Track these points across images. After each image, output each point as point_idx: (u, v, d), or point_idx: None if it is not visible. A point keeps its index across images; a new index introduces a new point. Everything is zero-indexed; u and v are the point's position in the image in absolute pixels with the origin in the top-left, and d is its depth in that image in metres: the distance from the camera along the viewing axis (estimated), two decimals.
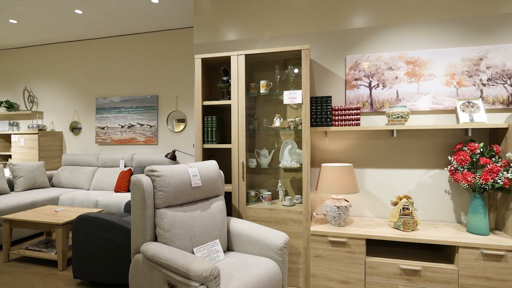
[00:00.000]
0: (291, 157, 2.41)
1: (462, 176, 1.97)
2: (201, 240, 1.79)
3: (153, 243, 1.64)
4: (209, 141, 2.39)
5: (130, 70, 4.49)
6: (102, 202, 3.50)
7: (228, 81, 2.44)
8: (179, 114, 4.24)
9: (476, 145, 1.99)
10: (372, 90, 2.35)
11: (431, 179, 2.26)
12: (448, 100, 2.22)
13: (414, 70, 2.28)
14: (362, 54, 2.38)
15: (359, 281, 1.99)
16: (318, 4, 2.48)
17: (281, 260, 1.76)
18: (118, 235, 2.16)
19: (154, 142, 4.33)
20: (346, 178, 2.09)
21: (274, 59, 2.49)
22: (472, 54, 2.17)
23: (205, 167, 1.98)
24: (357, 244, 1.99)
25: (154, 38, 4.38)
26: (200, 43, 2.76)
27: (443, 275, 1.84)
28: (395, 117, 2.13)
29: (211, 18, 2.73)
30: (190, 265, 1.36)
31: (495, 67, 2.14)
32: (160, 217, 1.69)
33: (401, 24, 2.31)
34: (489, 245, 1.78)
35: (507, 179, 1.86)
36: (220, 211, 1.98)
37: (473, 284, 1.81)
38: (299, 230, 2.15)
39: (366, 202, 2.39)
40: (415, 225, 2.03)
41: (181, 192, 1.78)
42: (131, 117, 4.43)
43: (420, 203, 2.28)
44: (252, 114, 2.58)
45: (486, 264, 1.79)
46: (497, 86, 2.14)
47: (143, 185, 1.67)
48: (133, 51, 4.48)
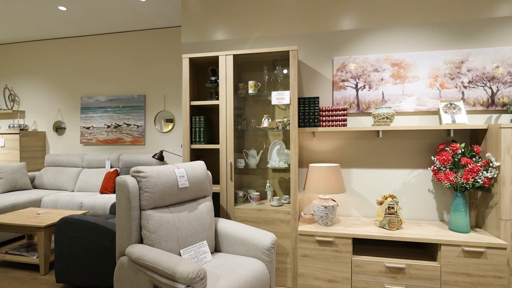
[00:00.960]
0: (279, 157, 2.42)
1: (444, 176, 2.03)
2: (188, 242, 1.77)
3: (138, 245, 1.61)
4: (197, 141, 2.37)
5: (117, 69, 4.40)
6: (87, 204, 3.42)
7: (216, 81, 2.43)
8: (167, 114, 4.19)
9: (458, 146, 2.05)
10: (359, 91, 2.39)
11: (415, 179, 2.31)
12: (431, 102, 2.28)
13: (399, 72, 2.33)
14: (349, 55, 2.41)
15: (345, 280, 2.01)
16: (306, 5, 2.50)
17: (269, 260, 1.77)
18: (103, 237, 2.11)
19: (141, 142, 4.26)
20: (333, 178, 2.12)
21: (263, 59, 2.49)
22: (454, 57, 2.24)
23: (193, 168, 1.96)
24: (344, 243, 2.01)
25: (142, 36, 4.31)
26: (188, 42, 2.73)
27: (426, 272, 1.89)
28: (380, 118, 2.17)
29: (199, 18, 2.71)
30: (176, 267, 1.34)
31: (475, 70, 2.21)
32: (146, 218, 1.66)
33: (386, 27, 2.36)
34: (470, 242, 1.84)
35: (487, 178, 1.92)
36: (208, 212, 1.96)
37: (454, 280, 1.86)
38: (287, 230, 2.16)
39: (352, 202, 2.42)
40: (400, 224, 2.07)
41: (167, 193, 1.76)
42: (117, 117, 4.34)
43: (404, 202, 2.33)
44: (241, 114, 2.58)
45: (467, 260, 1.85)
46: (477, 89, 2.21)
47: (128, 186, 1.64)
48: (120, 50, 4.39)
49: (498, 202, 1.90)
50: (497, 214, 1.91)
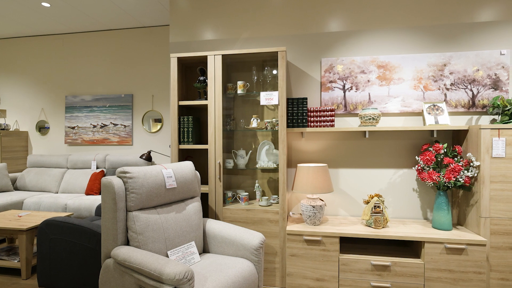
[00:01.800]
0: (268, 157, 2.43)
1: (428, 175, 2.08)
2: (175, 243, 1.75)
3: (124, 247, 1.58)
4: (185, 141, 2.35)
5: (103, 68, 4.31)
6: (71, 206, 3.33)
7: (205, 81, 2.41)
8: (155, 114, 4.13)
9: (441, 146, 2.12)
10: (346, 92, 2.43)
11: (400, 178, 2.37)
12: (415, 103, 2.34)
13: (385, 74, 2.38)
14: (336, 57, 2.45)
15: (333, 278, 2.04)
16: (295, 7, 2.52)
17: (257, 260, 1.77)
18: (88, 239, 2.07)
19: (128, 142, 4.19)
20: (321, 178, 2.14)
21: (252, 60, 2.49)
22: (437, 60, 2.31)
23: (181, 168, 1.94)
24: (331, 242, 2.04)
25: (129, 35, 4.24)
26: (177, 42, 2.71)
27: (411, 269, 1.94)
28: (367, 119, 2.22)
29: (188, 17, 2.69)
30: (163, 268, 1.32)
31: (457, 72, 2.29)
32: (132, 220, 1.64)
33: (372, 29, 2.41)
34: (452, 239, 1.90)
35: (468, 177, 1.99)
36: (196, 213, 1.95)
37: (437, 276, 1.92)
38: (275, 230, 2.17)
39: (340, 201, 2.46)
40: (385, 222, 2.11)
41: (154, 194, 1.74)
42: (104, 116, 4.25)
43: (390, 201, 2.39)
44: (229, 114, 2.57)
45: (449, 257, 1.91)
46: (459, 91, 2.29)
47: (114, 187, 1.61)
48: (106, 48, 4.31)
49: (478, 201, 1.97)
50: (477, 212, 1.98)
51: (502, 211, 1.92)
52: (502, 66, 2.23)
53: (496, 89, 2.24)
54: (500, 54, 2.23)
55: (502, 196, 1.92)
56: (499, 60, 2.23)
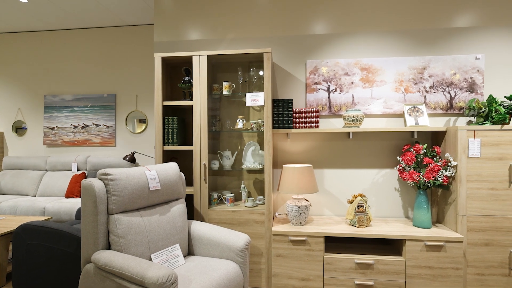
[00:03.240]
0: (254, 158, 2.43)
1: (408, 175, 2.15)
2: (159, 246, 1.72)
3: (106, 251, 1.53)
4: (169, 142, 2.32)
5: (85, 67, 4.18)
6: (50, 210, 3.20)
7: (190, 81, 2.39)
8: (140, 114, 4.05)
9: (420, 146, 2.19)
10: (331, 94, 2.46)
11: (382, 178, 2.43)
12: (397, 105, 2.41)
13: (368, 76, 2.43)
14: (321, 59, 2.48)
15: (318, 278, 2.06)
16: (280, 9, 2.54)
17: (242, 261, 1.76)
18: (67, 244, 1.99)
19: (111, 143, 4.08)
20: (306, 178, 2.16)
21: (237, 60, 2.49)
22: (417, 63, 2.39)
23: (165, 170, 1.91)
24: (316, 242, 2.06)
25: (112, 33, 4.13)
26: (161, 41, 2.67)
27: (393, 267, 1.99)
28: (351, 120, 2.26)
29: (173, 16, 2.65)
30: (146, 272, 1.30)
31: (436, 76, 2.37)
32: (114, 223, 1.59)
33: (356, 32, 2.46)
34: (431, 237, 1.96)
35: (446, 177, 2.06)
36: (181, 215, 1.92)
37: (418, 273, 1.98)
38: (261, 231, 2.17)
39: (325, 201, 2.49)
40: (368, 222, 2.16)
41: (137, 196, 1.70)
42: (85, 116, 4.12)
43: (373, 200, 2.44)
44: (215, 115, 2.56)
45: (428, 254, 1.97)
46: (437, 93, 2.37)
47: (94, 189, 1.56)
48: (88, 46, 4.18)
49: (456, 199, 2.04)
50: (455, 210, 2.05)
51: (478, 208, 2.01)
52: (477, 70, 2.33)
53: (472, 92, 2.34)
54: (475, 58, 2.33)
55: (477, 194, 2.01)
56: (475, 64, 2.33)
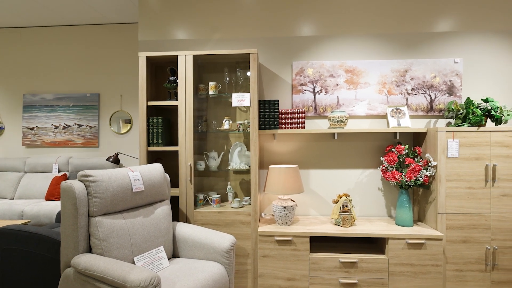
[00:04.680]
0: (240, 159, 2.43)
1: (391, 175, 2.20)
2: (143, 248, 1.69)
3: (86, 254, 1.49)
4: (154, 143, 2.28)
5: (66, 65, 4.06)
6: (29, 213, 3.09)
7: (175, 81, 2.36)
8: (124, 114, 3.97)
9: (402, 147, 2.25)
10: (316, 95, 2.49)
11: (366, 178, 2.48)
12: (380, 107, 2.46)
13: (352, 78, 2.48)
14: (307, 61, 2.51)
15: (303, 277, 2.08)
16: (267, 10, 2.55)
17: (228, 262, 1.76)
18: (47, 249, 1.92)
19: (94, 144, 3.97)
20: (291, 179, 2.18)
21: (224, 61, 2.48)
22: (399, 66, 2.45)
23: (149, 171, 1.88)
24: (302, 242, 2.08)
25: (95, 31, 4.03)
26: (146, 40, 2.62)
27: (376, 265, 2.03)
28: (335, 121, 2.29)
29: (158, 15, 2.62)
30: (127, 275, 1.27)
31: (417, 78, 2.44)
32: (95, 226, 1.55)
33: (341, 35, 2.50)
34: (412, 235, 2.02)
35: (426, 176, 2.13)
36: (165, 216, 1.89)
37: (400, 271, 2.03)
38: (247, 232, 2.17)
39: (311, 201, 2.52)
40: (353, 221, 2.20)
41: (120, 198, 1.66)
42: (67, 116, 4.00)
43: (357, 200, 2.49)
44: (201, 115, 2.54)
45: (410, 252, 2.03)
46: (419, 95, 2.44)
47: (75, 192, 1.52)
48: (71, 44, 4.06)
49: (436, 198, 2.11)
50: (435, 208, 2.12)
51: (456, 207, 2.08)
52: (456, 73, 2.42)
53: (451, 94, 2.42)
54: (454, 62, 2.42)
55: (456, 193, 2.08)
56: (453, 68, 2.42)
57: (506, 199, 2.06)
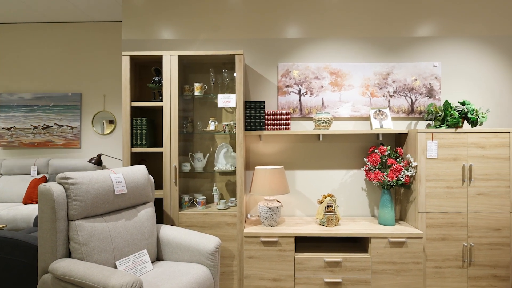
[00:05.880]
0: (226, 160, 2.42)
1: (374, 175, 2.25)
2: (125, 252, 1.65)
3: (65, 259, 1.45)
4: (138, 144, 2.24)
5: (46, 64, 3.92)
6: (5, 217, 2.96)
7: (160, 82, 2.33)
8: (108, 114, 3.87)
9: (385, 148, 2.30)
10: (301, 97, 2.52)
11: (351, 179, 2.53)
12: (364, 109, 2.52)
13: (336, 81, 2.52)
14: (292, 62, 2.53)
15: (289, 278, 2.09)
16: (253, 12, 2.55)
17: (213, 264, 1.75)
18: (23, 254, 1.85)
19: (76, 145, 3.86)
20: (277, 179, 2.19)
21: (209, 62, 2.47)
22: (382, 69, 2.52)
23: (132, 173, 1.84)
24: (287, 242, 2.09)
25: (77, 29, 3.92)
26: (130, 39, 2.57)
27: (359, 264, 2.07)
28: (320, 123, 2.33)
29: (142, 14, 2.57)
30: (108, 280, 1.24)
31: (399, 81, 2.51)
32: (74, 230, 1.50)
33: (326, 38, 2.54)
34: (394, 234, 2.07)
35: (407, 176, 2.19)
36: (149, 219, 1.86)
37: (382, 269, 2.08)
38: (233, 233, 2.16)
39: (296, 202, 2.54)
40: (337, 221, 2.23)
41: (101, 201, 1.62)
42: (46, 116, 3.86)
43: (342, 200, 2.53)
44: (187, 116, 2.51)
45: (392, 250, 2.08)
46: (400, 98, 2.51)
47: (53, 195, 1.47)
48: (51, 42, 3.93)
49: (416, 197, 2.18)
50: (416, 207, 2.18)
51: (435, 206, 2.15)
52: (435, 77, 2.51)
53: (430, 97, 2.51)
54: (433, 66, 2.51)
55: (435, 192, 2.15)
56: (433, 71, 2.51)
57: (482, 198, 2.15)
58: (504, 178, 2.14)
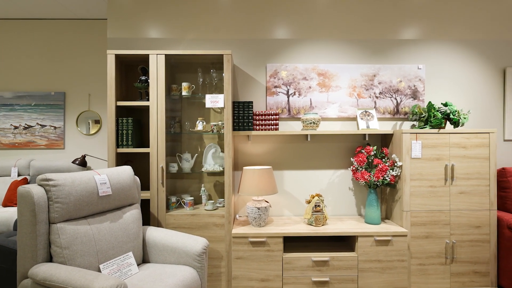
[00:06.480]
0: (215, 160, 2.40)
1: (361, 175, 2.28)
2: (109, 255, 1.61)
3: (46, 264, 1.40)
4: (124, 145, 2.20)
5: (28, 62, 3.79)
6: None
7: (146, 81, 2.29)
8: (93, 114, 3.78)
9: (371, 148, 2.34)
10: (290, 97, 2.53)
11: (338, 178, 2.56)
12: (351, 109, 2.55)
13: (324, 82, 2.55)
14: (281, 63, 2.54)
15: (277, 277, 2.10)
16: (242, 12, 2.55)
17: (200, 266, 1.73)
18: (2, 259, 1.78)
19: (59, 146, 3.74)
20: (265, 180, 2.19)
21: (198, 61, 2.45)
22: (368, 70, 2.56)
23: (117, 174, 1.80)
24: (275, 242, 2.10)
25: (61, 26, 3.80)
26: (115, 37, 2.52)
27: (346, 262, 2.10)
28: (308, 123, 2.34)
29: (129, 12, 2.53)
30: (91, 284, 1.20)
31: (384, 83, 2.56)
32: (56, 233, 1.46)
33: (314, 39, 2.56)
34: (380, 232, 2.11)
35: (393, 176, 2.24)
36: (135, 221, 1.82)
37: (368, 267, 2.11)
38: (221, 234, 2.15)
39: (284, 202, 2.55)
40: (325, 220, 2.25)
41: (85, 203, 1.58)
42: (28, 116, 3.73)
43: (329, 200, 2.56)
44: (174, 116, 2.48)
45: (378, 248, 2.12)
46: (386, 99, 2.56)
47: (33, 197, 1.42)
48: (33, 39, 3.80)
49: (401, 196, 2.22)
50: (401, 206, 2.23)
51: (420, 204, 2.20)
52: (419, 78, 2.57)
53: (415, 98, 2.57)
54: (417, 68, 2.57)
55: (419, 191, 2.21)
56: (417, 73, 2.57)
57: (463, 196, 2.21)
58: (484, 177, 2.22)
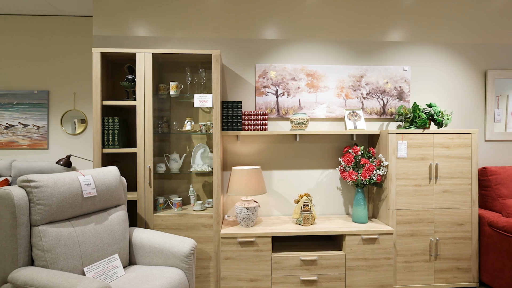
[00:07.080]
0: (204, 161, 2.38)
1: (348, 175, 2.32)
2: (94, 258, 1.58)
3: (27, 268, 1.35)
4: (110, 145, 2.15)
5: (10, 59, 3.67)
6: None
7: (133, 80, 2.25)
8: (78, 113, 3.68)
9: (358, 148, 2.38)
10: (279, 97, 2.54)
11: (326, 178, 2.58)
12: (338, 110, 2.58)
13: (313, 82, 2.57)
14: (270, 63, 2.55)
15: (266, 277, 2.10)
16: (231, 12, 2.54)
17: (188, 267, 1.71)
18: None
19: (43, 146, 3.63)
20: (254, 180, 2.19)
21: (186, 61, 2.42)
22: (356, 71, 2.60)
23: (103, 174, 1.76)
24: (264, 242, 2.10)
25: (45, 23, 3.69)
26: (101, 35, 2.47)
27: (334, 261, 2.12)
28: (297, 123, 2.36)
29: (115, 9, 2.48)
30: (74, 287, 1.17)
31: (371, 84, 2.61)
32: (38, 236, 1.41)
33: (302, 40, 2.58)
34: (367, 231, 2.14)
35: (379, 175, 2.28)
36: (121, 222, 1.79)
37: (356, 265, 2.14)
38: (210, 234, 2.13)
39: (273, 202, 2.55)
40: (313, 220, 2.27)
41: (68, 205, 1.54)
42: (9, 115, 3.61)
43: (318, 199, 2.58)
44: (162, 116, 2.45)
45: (365, 247, 2.15)
46: (373, 100, 2.61)
47: (13, 199, 1.37)
48: (15, 36, 3.67)
49: (387, 195, 2.27)
50: (387, 205, 2.27)
51: (405, 203, 2.25)
52: (405, 80, 2.63)
53: (400, 99, 2.62)
54: (403, 70, 2.63)
55: (404, 190, 2.25)
56: (403, 75, 2.62)
57: (446, 195, 2.28)
58: (466, 176, 2.29)
